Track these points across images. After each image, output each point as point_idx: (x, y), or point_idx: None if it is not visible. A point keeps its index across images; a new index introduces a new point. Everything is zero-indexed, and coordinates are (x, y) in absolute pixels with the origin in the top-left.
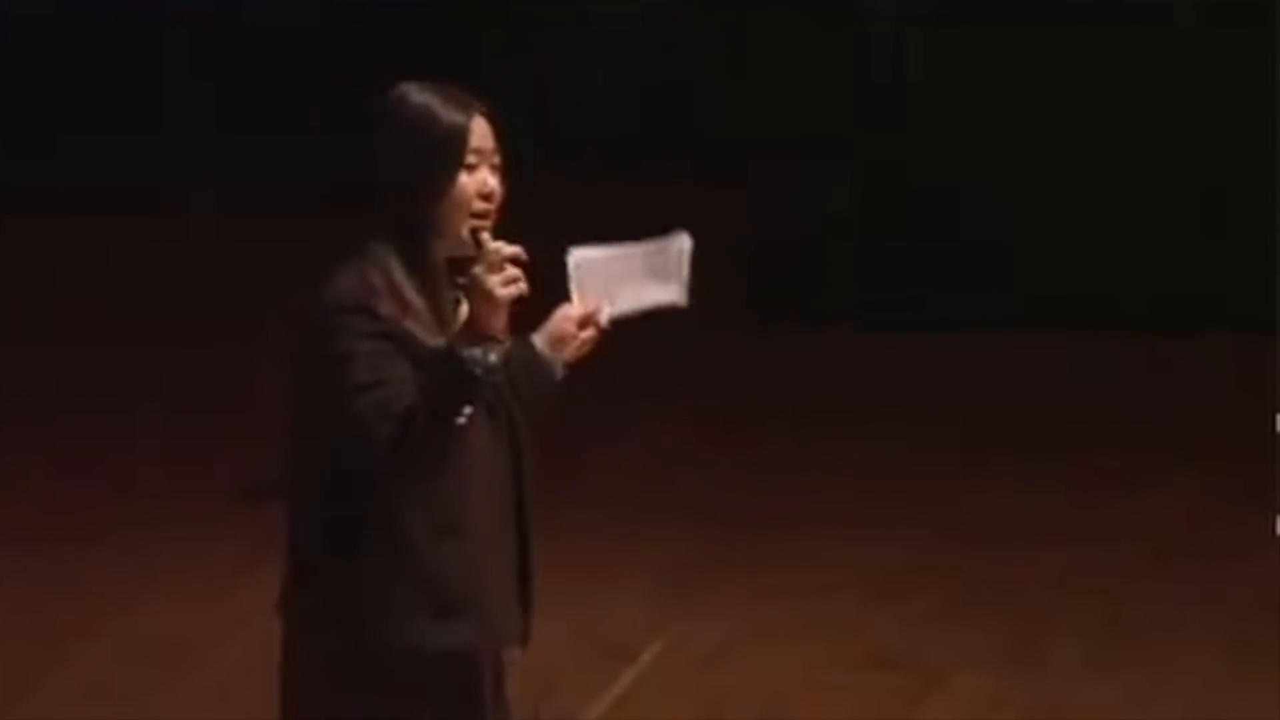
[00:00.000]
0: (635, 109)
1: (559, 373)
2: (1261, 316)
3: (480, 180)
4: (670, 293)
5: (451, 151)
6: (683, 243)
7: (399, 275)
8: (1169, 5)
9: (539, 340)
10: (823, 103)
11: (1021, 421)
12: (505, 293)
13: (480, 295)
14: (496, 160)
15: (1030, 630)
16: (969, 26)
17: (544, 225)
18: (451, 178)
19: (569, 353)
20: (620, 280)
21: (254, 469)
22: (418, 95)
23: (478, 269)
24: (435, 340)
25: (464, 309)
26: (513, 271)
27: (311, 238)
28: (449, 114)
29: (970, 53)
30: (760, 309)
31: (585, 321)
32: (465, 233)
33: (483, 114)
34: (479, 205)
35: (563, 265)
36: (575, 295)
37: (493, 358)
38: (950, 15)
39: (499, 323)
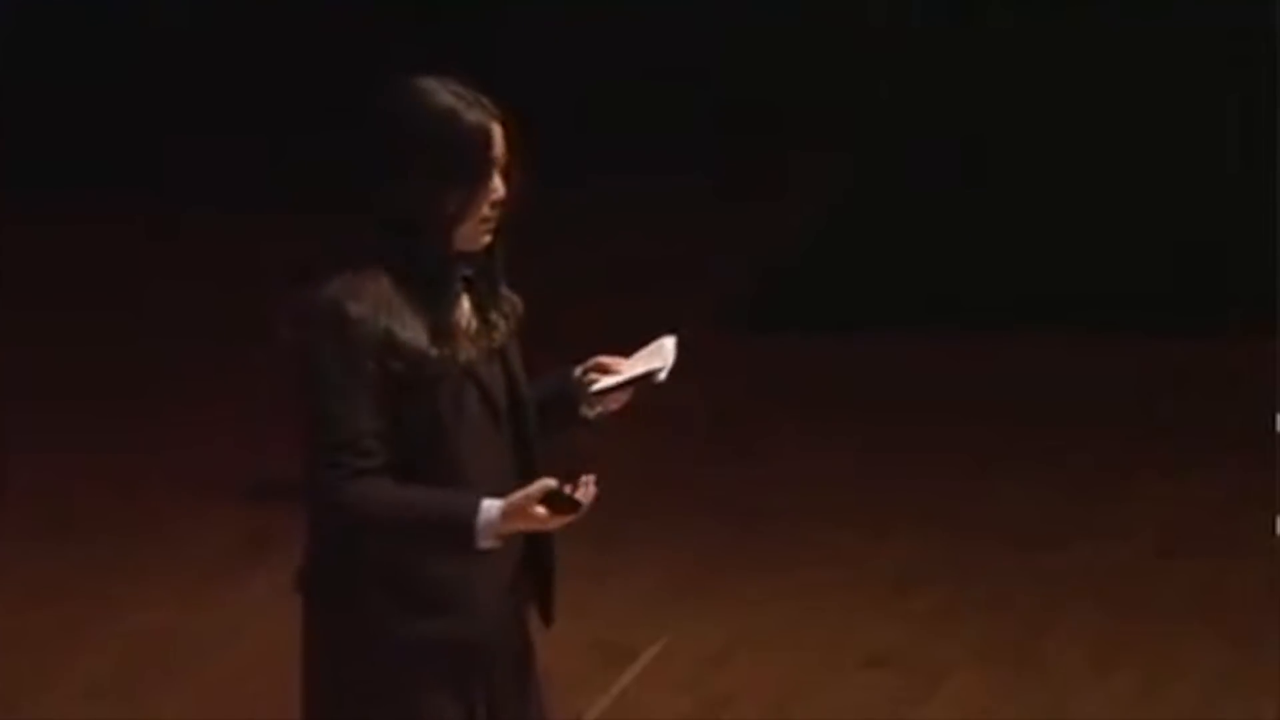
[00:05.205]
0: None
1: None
2: (1261, 316)
3: (494, 187)
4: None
5: (476, 156)
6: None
7: (389, 277)
8: (1170, 3)
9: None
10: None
11: (1021, 421)
12: (553, 525)
13: (528, 510)
14: (507, 166)
15: (1030, 630)
16: (966, 24)
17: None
18: (474, 182)
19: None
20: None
21: (253, 469)
22: (440, 94)
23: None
24: (418, 338)
25: (464, 304)
26: (570, 517)
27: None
28: (474, 116)
29: (968, 49)
30: (758, 309)
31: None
32: (480, 236)
33: (497, 118)
34: (487, 212)
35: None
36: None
37: (487, 545)
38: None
39: (518, 529)
